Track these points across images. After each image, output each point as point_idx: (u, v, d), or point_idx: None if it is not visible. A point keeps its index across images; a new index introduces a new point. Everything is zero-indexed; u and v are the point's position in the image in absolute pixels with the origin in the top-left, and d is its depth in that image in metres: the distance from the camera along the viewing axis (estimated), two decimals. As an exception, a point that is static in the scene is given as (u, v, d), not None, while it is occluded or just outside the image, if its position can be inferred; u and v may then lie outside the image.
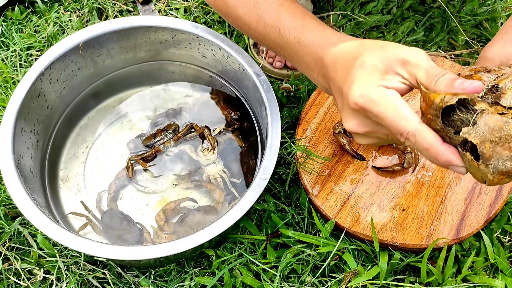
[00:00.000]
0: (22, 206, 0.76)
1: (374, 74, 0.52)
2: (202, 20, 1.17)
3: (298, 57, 0.66)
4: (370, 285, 0.83)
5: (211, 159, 0.95)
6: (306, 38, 0.63)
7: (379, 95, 0.51)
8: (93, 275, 0.87)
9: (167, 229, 0.90)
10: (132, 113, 1.02)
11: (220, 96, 1.02)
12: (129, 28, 0.92)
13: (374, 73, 0.52)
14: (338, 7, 1.17)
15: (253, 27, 0.71)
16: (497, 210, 0.86)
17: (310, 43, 0.62)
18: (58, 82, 0.92)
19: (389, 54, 0.52)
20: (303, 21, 0.65)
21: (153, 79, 1.05)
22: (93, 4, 1.19)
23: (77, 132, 1.00)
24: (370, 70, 0.52)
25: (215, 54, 0.94)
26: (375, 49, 0.53)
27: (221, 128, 0.98)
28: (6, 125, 0.82)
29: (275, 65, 1.09)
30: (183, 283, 0.86)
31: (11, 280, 0.86)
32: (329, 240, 0.86)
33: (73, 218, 0.91)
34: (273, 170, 0.80)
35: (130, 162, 0.95)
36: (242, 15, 0.72)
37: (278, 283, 0.83)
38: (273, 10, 0.68)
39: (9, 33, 1.16)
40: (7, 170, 0.78)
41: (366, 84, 0.52)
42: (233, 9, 0.73)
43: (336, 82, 0.57)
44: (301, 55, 0.65)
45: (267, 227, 0.90)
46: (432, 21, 1.16)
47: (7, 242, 0.89)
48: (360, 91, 0.52)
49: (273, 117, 0.84)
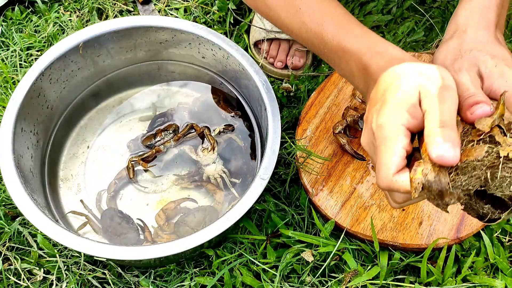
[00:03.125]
0: (22, 206, 0.76)
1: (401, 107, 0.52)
2: (202, 20, 1.17)
3: (342, 62, 0.65)
4: (370, 285, 0.83)
5: (211, 159, 0.95)
6: (351, 45, 0.63)
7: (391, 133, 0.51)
8: (93, 275, 0.87)
9: (167, 229, 0.90)
10: (132, 113, 1.03)
11: (220, 96, 1.02)
12: (129, 28, 0.92)
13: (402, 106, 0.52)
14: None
15: (296, 32, 0.70)
16: (497, 210, 0.86)
17: (355, 50, 0.62)
18: (58, 82, 0.92)
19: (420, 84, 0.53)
20: (348, 27, 0.65)
21: (153, 79, 1.05)
22: (93, 4, 1.19)
23: (77, 132, 1.00)
24: (400, 99, 0.52)
25: (215, 54, 0.95)
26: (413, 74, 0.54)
27: (221, 128, 0.98)
28: (6, 125, 0.82)
29: (276, 65, 1.09)
30: (183, 283, 0.86)
31: (11, 280, 0.86)
32: (329, 240, 0.86)
33: (72, 217, 0.91)
34: (273, 170, 0.80)
35: (131, 163, 0.95)
36: (284, 19, 0.71)
37: (278, 283, 0.83)
38: (316, 16, 0.67)
39: (9, 33, 1.16)
40: (7, 170, 0.78)
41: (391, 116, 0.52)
42: (275, 13, 0.72)
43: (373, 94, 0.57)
44: (345, 61, 0.65)
45: (267, 227, 0.90)
46: (432, 21, 1.16)
47: (7, 242, 0.89)
48: (381, 121, 0.52)
49: (273, 117, 0.84)
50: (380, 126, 0.52)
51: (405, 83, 0.53)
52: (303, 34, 0.69)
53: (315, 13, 0.67)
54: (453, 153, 0.47)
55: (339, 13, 0.66)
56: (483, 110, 0.51)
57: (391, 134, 0.51)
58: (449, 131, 0.48)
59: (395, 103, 0.52)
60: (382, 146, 0.51)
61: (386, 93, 0.54)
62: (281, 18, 0.71)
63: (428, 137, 0.49)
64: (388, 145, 0.51)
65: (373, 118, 0.54)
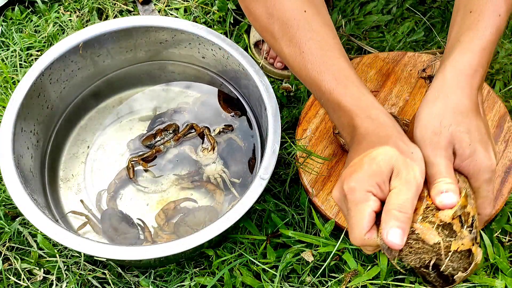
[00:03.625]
0: (22, 206, 0.76)
1: (374, 177, 0.57)
2: (202, 20, 1.17)
3: (335, 114, 0.68)
4: (370, 285, 0.83)
5: (211, 159, 0.95)
6: (346, 103, 0.65)
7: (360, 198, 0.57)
8: (93, 275, 0.87)
9: (167, 229, 0.90)
10: (132, 113, 1.03)
11: (220, 96, 1.02)
12: (129, 28, 0.92)
13: (374, 176, 0.57)
14: (338, 7, 1.17)
15: (296, 70, 0.71)
16: (497, 210, 0.86)
17: (349, 109, 0.65)
18: (58, 82, 0.92)
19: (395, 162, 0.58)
20: (345, 84, 0.66)
21: (153, 79, 1.05)
22: (93, 4, 1.19)
23: (77, 132, 1.00)
24: (373, 171, 0.58)
25: (215, 54, 0.95)
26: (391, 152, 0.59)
27: (221, 128, 0.98)
28: (6, 125, 0.82)
29: (276, 66, 1.09)
30: (183, 283, 0.86)
31: (11, 280, 0.86)
32: (329, 240, 0.86)
33: (72, 217, 0.91)
34: (273, 170, 0.80)
35: (131, 163, 0.95)
36: (287, 56, 0.71)
37: (278, 283, 0.83)
38: (317, 64, 0.68)
39: (9, 33, 1.16)
40: (7, 170, 0.78)
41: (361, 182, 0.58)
42: (279, 47, 0.72)
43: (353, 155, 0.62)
44: (338, 115, 0.67)
45: (267, 227, 0.90)
46: (432, 21, 1.16)
47: (7, 242, 0.89)
48: (353, 184, 0.58)
49: (273, 117, 0.84)
50: (352, 190, 0.58)
51: (383, 158, 0.58)
52: (303, 75, 0.70)
53: (316, 61, 0.68)
54: (399, 241, 0.55)
55: (340, 67, 0.67)
56: (451, 202, 0.57)
57: (361, 199, 0.57)
58: (403, 219, 0.55)
59: (369, 173, 0.58)
60: (354, 208, 0.58)
61: (363, 160, 0.59)
62: (285, 54, 0.72)
63: (384, 215, 0.56)
64: (359, 208, 0.57)
65: (346, 179, 0.59)
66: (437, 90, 0.64)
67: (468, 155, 0.61)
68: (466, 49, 0.65)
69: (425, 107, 0.64)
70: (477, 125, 0.63)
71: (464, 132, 0.61)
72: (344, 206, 0.60)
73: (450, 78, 0.64)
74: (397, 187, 0.57)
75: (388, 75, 0.99)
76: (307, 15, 0.69)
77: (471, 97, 0.63)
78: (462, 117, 0.62)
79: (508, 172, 0.89)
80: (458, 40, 0.66)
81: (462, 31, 0.67)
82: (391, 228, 0.55)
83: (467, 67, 0.64)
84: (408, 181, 0.57)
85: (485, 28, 0.65)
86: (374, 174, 0.58)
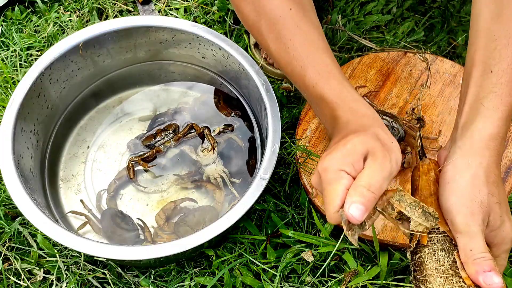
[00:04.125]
0: (22, 206, 0.76)
1: (347, 157, 0.58)
2: (202, 20, 1.17)
3: (318, 107, 0.71)
4: (370, 285, 0.83)
5: (211, 159, 0.95)
6: (328, 96, 0.68)
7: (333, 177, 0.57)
8: (93, 275, 0.87)
9: (167, 229, 0.90)
10: (132, 113, 1.03)
11: (220, 96, 1.02)
12: (129, 28, 0.92)
13: (348, 156, 0.58)
14: (338, 7, 1.17)
15: (282, 65, 0.74)
16: (497, 210, 0.86)
17: (331, 102, 0.67)
18: (58, 82, 0.92)
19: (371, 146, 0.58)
20: (328, 77, 0.69)
21: (153, 79, 1.05)
22: (93, 4, 1.19)
23: (77, 132, 1.00)
24: (347, 150, 0.58)
25: (215, 54, 0.95)
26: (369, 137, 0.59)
27: (221, 128, 0.98)
28: (6, 125, 0.82)
29: (276, 66, 1.09)
30: (183, 283, 0.86)
31: (11, 280, 0.86)
32: (329, 240, 0.86)
33: (72, 217, 0.91)
34: (273, 170, 0.80)
35: (131, 163, 0.95)
36: (273, 52, 0.74)
37: (278, 283, 0.83)
38: (301, 60, 0.70)
39: (9, 33, 1.16)
40: (7, 170, 0.78)
41: (334, 162, 0.58)
42: (266, 43, 0.75)
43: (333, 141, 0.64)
44: (320, 108, 0.70)
45: (267, 227, 0.90)
46: (432, 21, 1.16)
47: (7, 242, 0.89)
48: (326, 164, 0.58)
49: (273, 117, 0.84)
50: (325, 169, 0.58)
51: (359, 140, 0.58)
52: (288, 71, 0.73)
53: (301, 56, 0.71)
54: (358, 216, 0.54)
55: (323, 62, 0.70)
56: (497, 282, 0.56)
57: (334, 177, 0.57)
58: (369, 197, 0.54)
59: (343, 153, 0.58)
60: (328, 188, 0.57)
61: (339, 143, 0.60)
62: (271, 50, 0.74)
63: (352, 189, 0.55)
64: (333, 187, 0.57)
65: (320, 161, 0.60)
66: (467, 157, 0.63)
67: (497, 226, 0.61)
68: (492, 117, 0.64)
69: (457, 173, 0.63)
70: (504, 194, 0.63)
71: (497, 203, 0.61)
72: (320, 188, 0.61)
73: (479, 145, 0.63)
74: (371, 167, 0.56)
75: (388, 75, 0.99)
76: (293, 13, 0.71)
77: (499, 165, 0.64)
78: (494, 186, 0.61)
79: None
80: (481, 104, 0.65)
81: (485, 93, 0.65)
82: (353, 203, 0.54)
83: (494, 135, 0.63)
84: (383, 165, 0.56)
85: (509, 94, 0.64)
86: (347, 153, 0.58)
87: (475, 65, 0.67)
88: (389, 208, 0.59)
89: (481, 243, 0.58)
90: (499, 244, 0.62)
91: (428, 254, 0.60)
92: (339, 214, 0.56)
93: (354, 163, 0.57)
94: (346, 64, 1.00)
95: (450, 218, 0.61)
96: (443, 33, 1.14)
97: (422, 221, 0.59)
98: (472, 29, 0.69)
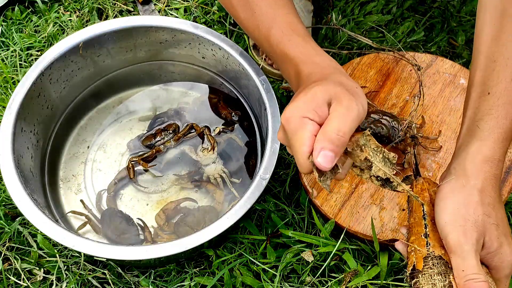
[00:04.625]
0: (22, 206, 0.76)
1: (309, 104, 0.56)
2: (202, 20, 1.17)
3: (283, 67, 0.71)
4: (370, 285, 0.83)
5: (211, 159, 0.95)
6: (291, 53, 0.68)
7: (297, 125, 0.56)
8: (93, 275, 0.87)
9: (167, 229, 0.90)
10: (132, 113, 1.03)
11: (220, 96, 1.02)
12: (129, 28, 0.92)
13: (309, 103, 0.56)
14: (338, 7, 1.17)
15: (251, 32, 0.76)
16: (497, 210, 0.86)
17: (294, 57, 0.68)
18: (58, 82, 0.92)
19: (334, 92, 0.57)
20: (291, 35, 0.70)
21: (153, 79, 1.05)
22: (93, 4, 1.19)
23: (77, 132, 1.00)
24: (308, 98, 0.57)
25: (215, 54, 0.95)
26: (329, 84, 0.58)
27: (221, 128, 0.98)
28: (6, 125, 0.82)
29: (275, 66, 1.09)
30: (183, 283, 0.86)
31: (11, 280, 0.86)
32: (329, 240, 0.86)
33: (72, 217, 0.91)
34: (273, 170, 0.80)
35: (131, 163, 0.95)
36: (243, 20, 0.76)
37: (278, 283, 0.83)
38: (267, 22, 0.72)
39: (9, 33, 1.16)
40: (7, 170, 0.78)
41: (296, 110, 0.56)
42: (236, 13, 0.77)
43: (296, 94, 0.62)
44: (286, 66, 0.70)
45: (267, 227, 0.90)
46: (432, 21, 1.16)
47: (7, 242, 0.89)
48: (288, 114, 0.57)
49: (273, 117, 0.84)
50: (288, 120, 0.56)
51: (320, 88, 0.57)
52: (256, 35, 0.75)
53: (267, 18, 0.72)
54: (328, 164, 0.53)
55: (287, 21, 0.71)
56: None
57: (298, 125, 0.55)
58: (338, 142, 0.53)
59: (303, 100, 0.57)
60: (294, 137, 0.56)
61: (300, 93, 0.59)
62: (241, 18, 0.76)
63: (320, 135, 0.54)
64: (298, 135, 0.55)
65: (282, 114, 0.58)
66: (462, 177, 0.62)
67: (495, 248, 0.60)
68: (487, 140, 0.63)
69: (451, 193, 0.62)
70: (502, 217, 0.62)
71: (494, 224, 0.60)
72: (286, 141, 0.59)
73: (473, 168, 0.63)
74: (337, 110, 0.55)
75: (388, 75, 0.99)
76: None
77: (495, 188, 0.62)
78: (491, 208, 0.61)
79: (508, 172, 0.89)
80: (477, 126, 0.64)
81: (481, 115, 0.64)
82: (322, 149, 0.53)
83: (489, 158, 0.63)
84: (349, 107, 0.55)
85: (506, 117, 0.63)
86: (309, 100, 0.56)
87: (474, 86, 0.67)
88: (357, 150, 0.58)
89: (474, 263, 0.57)
90: (497, 267, 0.61)
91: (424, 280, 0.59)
92: (309, 162, 0.55)
93: (317, 109, 0.56)
94: (346, 64, 1.00)
95: (444, 237, 0.60)
96: (443, 33, 1.14)
97: (382, 166, 0.58)
98: (474, 47, 0.69)
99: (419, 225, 0.64)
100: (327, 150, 0.53)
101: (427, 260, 0.60)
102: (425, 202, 0.65)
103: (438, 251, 0.61)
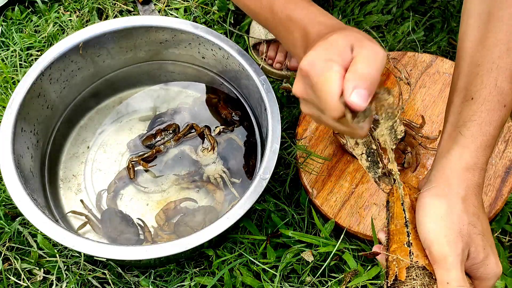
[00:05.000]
0: (22, 206, 0.76)
1: (331, 49, 0.53)
2: (202, 20, 1.17)
3: (288, 32, 0.68)
4: (370, 285, 0.83)
5: (211, 159, 0.95)
6: (297, 16, 0.66)
7: (323, 67, 0.52)
8: (93, 275, 0.87)
9: (167, 229, 0.90)
10: (132, 113, 1.03)
11: (220, 96, 1.02)
12: (129, 28, 0.92)
13: (331, 48, 0.54)
14: (338, 7, 1.17)
15: (252, 8, 0.74)
16: (497, 210, 0.86)
17: (300, 20, 0.65)
18: (58, 82, 0.92)
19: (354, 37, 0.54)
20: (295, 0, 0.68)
21: (153, 79, 1.05)
22: (93, 4, 1.19)
23: (77, 132, 1.00)
24: (330, 43, 0.54)
25: (215, 54, 0.95)
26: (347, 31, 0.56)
27: (221, 128, 0.98)
28: (6, 125, 0.82)
29: (275, 66, 1.09)
30: (183, 283, 0.86)
31: (11, 280, 0.86)
32: (329, 240, 0.86)
33: (72, 217, 0.91)
34: (273, 170, 0.80)
35: (131, 163, 0.95)
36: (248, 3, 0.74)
37: (278, 283, 0.83)
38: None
39: (9, 33, 1.16)
40: (7, 170, 0.78)
41: (318, 55, 0.53)
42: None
43: None
44: (291, 31, 0.67)
45: (267, 227, 0.90)
46: (432, 21, 1.16)
47: (7, 242, 0.90)
48: (310, 59, 0.53)
49: (273, 117, 0.84)
50: (312, 63, 0.53)
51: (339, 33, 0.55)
52: (257, 8, 0.73)
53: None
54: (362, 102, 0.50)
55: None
56: None
57: (324, 68, 0.52)
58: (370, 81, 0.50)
59: (325, 46, 0.54)
60: (320, 79, 0.52)
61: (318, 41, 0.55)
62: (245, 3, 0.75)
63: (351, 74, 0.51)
64: (325, 76, 0.52)
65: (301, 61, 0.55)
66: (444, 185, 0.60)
67: (480, 259, 0.57)
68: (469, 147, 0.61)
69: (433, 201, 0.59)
70: (487, 227, 0.60)
71: (480, 235, 0.58)
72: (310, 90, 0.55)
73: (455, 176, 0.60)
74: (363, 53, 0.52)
75: (388, 75, 0.99)
76: None
77: (479, 197, 0.60)
78: (476, 218, 0.58)
79: (508, 172, 0.89)
80: (459, 133, 0.62)
81: (464, 121, 0.62)
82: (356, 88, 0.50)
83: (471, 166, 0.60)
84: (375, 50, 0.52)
85: (490, 123, 0.61)
86: (330, 46, 0.54)
87: (457, 91, 0.65)
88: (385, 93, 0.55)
89: (459, 275, 0.55)
90: (482, 278, 0.58)
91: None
92: (341, 103, 0.52)
93: (340, 53, 0.53)
94: (346, 64, 1.00)
95: (427, 247, 0.57)
96: (443, 33, 1.14)
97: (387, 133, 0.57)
98: (458, 51, 0.66)
99: (401, 233, 0.61)
100: (360, 88, 0.50)
101: (410, 270, 0.57)
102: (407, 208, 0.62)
103: (422, 261, 0.58)
